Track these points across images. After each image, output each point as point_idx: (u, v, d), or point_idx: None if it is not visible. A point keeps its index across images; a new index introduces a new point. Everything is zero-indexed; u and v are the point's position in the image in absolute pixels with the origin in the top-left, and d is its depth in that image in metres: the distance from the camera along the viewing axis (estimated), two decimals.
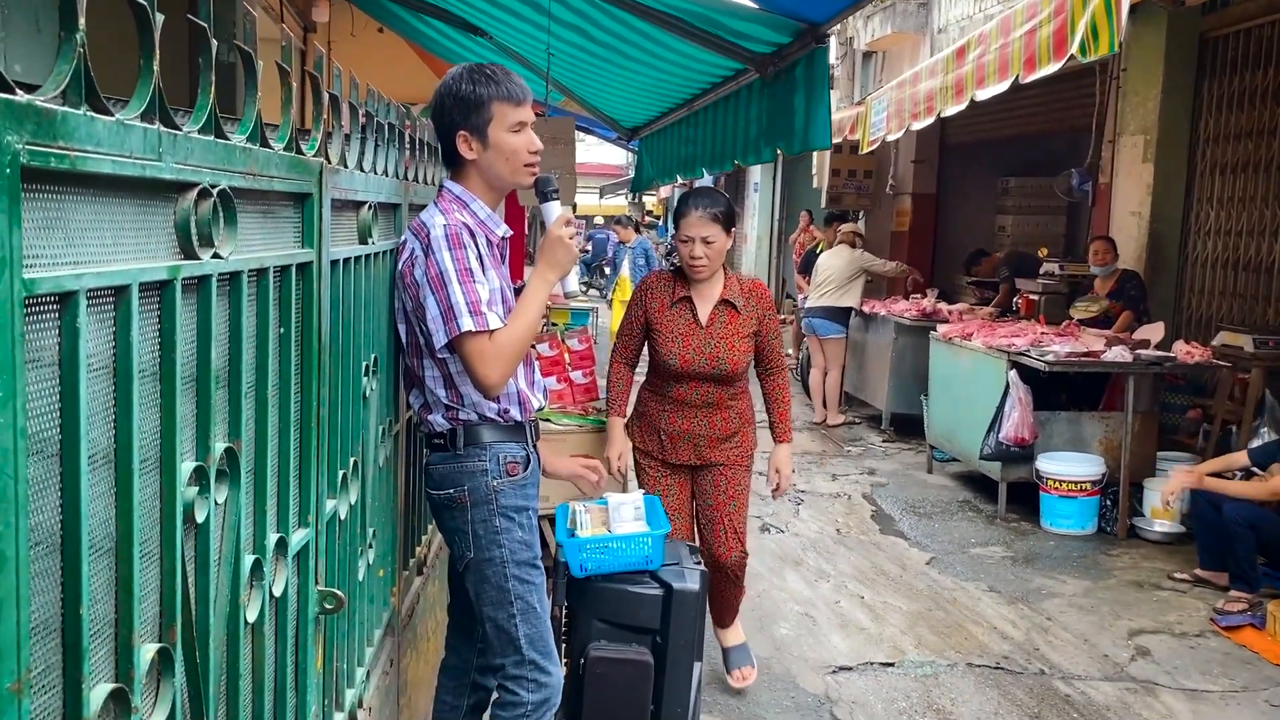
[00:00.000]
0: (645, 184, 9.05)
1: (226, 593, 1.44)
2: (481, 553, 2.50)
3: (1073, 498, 6.11)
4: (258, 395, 1.56)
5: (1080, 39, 4.34)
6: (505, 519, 2.50)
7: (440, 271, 2.35)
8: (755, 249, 20.19)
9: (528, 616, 2.50)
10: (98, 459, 1.10)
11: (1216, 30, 7.14)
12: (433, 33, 6.75)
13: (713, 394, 3.59)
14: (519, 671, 2.50)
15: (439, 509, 2.60)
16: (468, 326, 2.33)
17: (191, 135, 1.22)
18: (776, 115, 4.77)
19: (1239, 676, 4.23)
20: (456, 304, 2.33)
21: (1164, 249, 7.57)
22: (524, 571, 2.51)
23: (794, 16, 4.26)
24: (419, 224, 2.45)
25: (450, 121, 2.48)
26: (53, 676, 1.02)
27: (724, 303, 3.58)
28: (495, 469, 2.50)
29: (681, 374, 3.55)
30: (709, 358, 3.53)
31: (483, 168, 2.50)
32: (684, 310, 3.58)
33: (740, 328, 3.58)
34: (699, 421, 3.62)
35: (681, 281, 3.60)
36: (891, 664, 4.29)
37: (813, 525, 6.22)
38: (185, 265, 1.24)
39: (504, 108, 2.45)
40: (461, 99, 2.44)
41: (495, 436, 2.52)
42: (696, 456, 3.64)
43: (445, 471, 2.53)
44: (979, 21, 9.04)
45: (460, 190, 2.53)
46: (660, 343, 3.57)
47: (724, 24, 4.64)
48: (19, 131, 0.87)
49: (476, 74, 2.46)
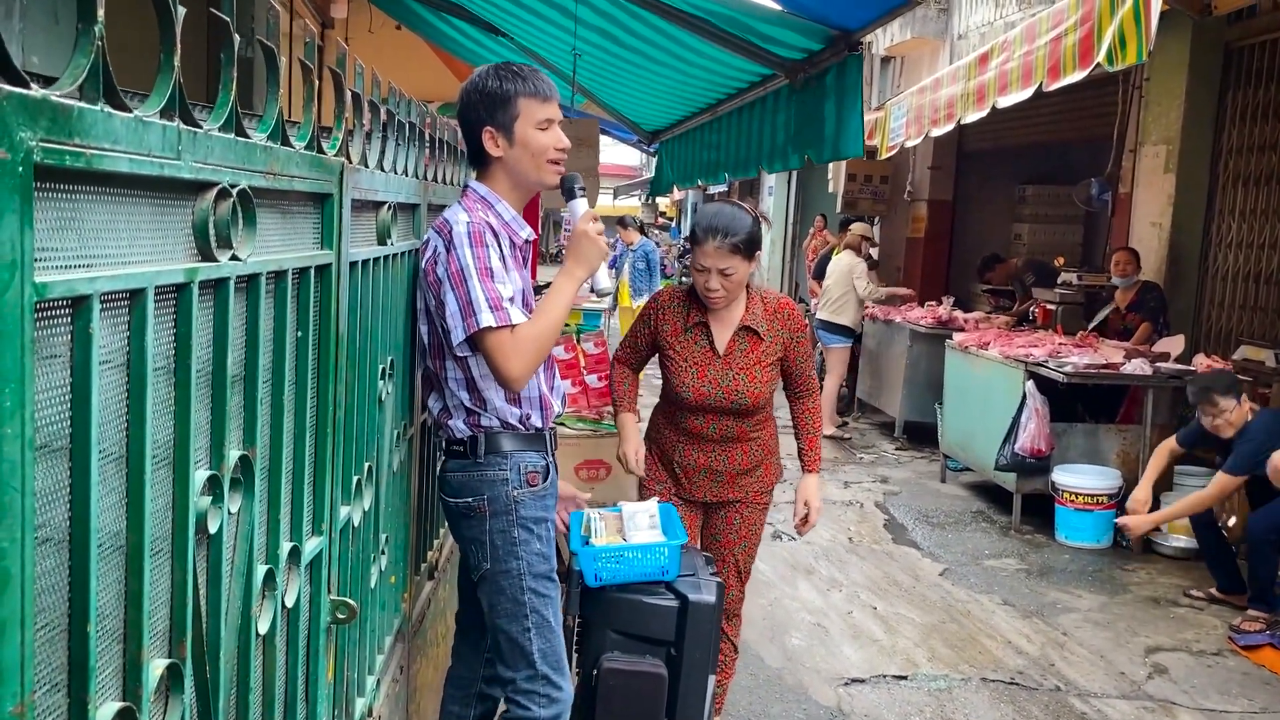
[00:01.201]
0: (665, 188, 8.98)
1: (238, 605, 1.40)
2: (498, 564, 2.44)
3: (1088, 511, 6.05)
4: (273, 401, 1.52)
5: (1108, 47, 4.28)
6: (524, 530, 2.45)
7: (461, 267, 2.31)
8: (769, 252, 20.11)
9: (542, 630, 2.45)
10: (108, 468, 1.05)
11: (1242, 41, 7.05)
12: (452, 31, 6.72)
13: (732, 428, 3.23)
14: (531, 686, 2.44)
15: (455, 516, 2.54)
16: (488, 322, 2.28)
17: (212, 133, 1.18)
18: (806, 122, 4.71)
19: (1258, 697, 4.17)
20: (476, 300, 2.29)
21: (1184, 261, 7.49)
22: (540, 584, 2.46)
23: (828, 23, 4.22)
24: (442, 221, 2.41)
25: (476, 118, 2.44)
26: (58, 697, 0.98)
27: (745, 329, 3.20)
28: (516, 478, 2.45)
29: (696, 407, 3.21)
30: (726, 391, 3.17)
31: (509, 165, 2.46)
32: (699, 337, 3.21)
33: (763, 356, 3.20)
34: (716, 456, 3.26)
35: (698, 303, 3.22)
36: (904, 677, 4.24)
37: (825, 533, 6.16)
38: (203, 268, 1.20)
39: (531, 104, 2.42)
40: (488, 95, 2.41)
41: (516, 445, 2.47)
42: (714, 494, 3.30)
43: (464, 479, 2.47)
44: (999, 28, 8.97)
45: (485, 191, 2.49)
46: (673, 371, 3.22)
47: (755, 29, 4.59)
48: (33, 128, 0.83)
49: (503, 71, 2.44)
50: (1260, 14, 6.82)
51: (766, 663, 4.31)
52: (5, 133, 0.79)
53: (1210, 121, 7.32)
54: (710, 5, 4.44)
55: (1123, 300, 7.19)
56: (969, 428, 7.09)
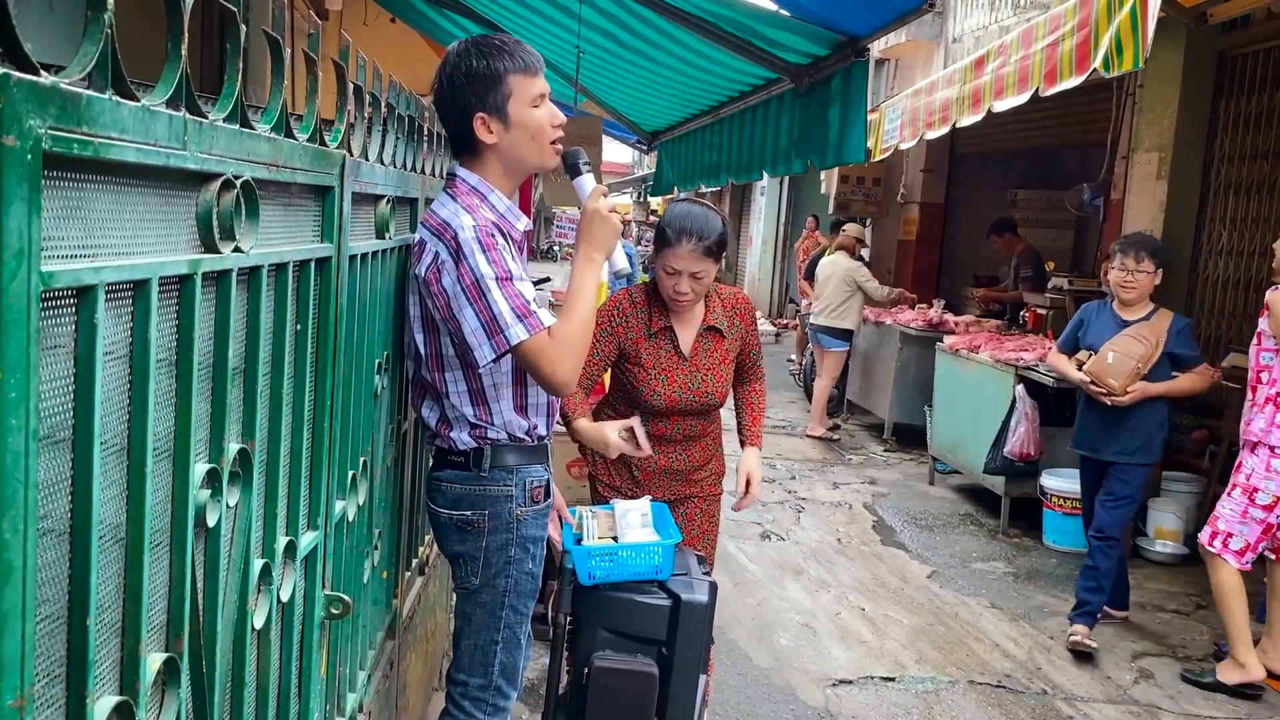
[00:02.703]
0: (665, 189, 8.92)
1: (235, 599, 1.39)
2: (487, 581, 2.33)
3: (1076, 515, 6.04)
4: (272, 394, 1.51)
5: (1104, 53, 4.29)
6: (521, 549, 2.33)
7: (476, 279, 2.09)
8: (760, 253, 20.16)
9: (509, 646, 2.37)
10: (109, 460, 1.05)
11: (1236, 49, 7.08)
12: (451, 26, 6.70)
13: (695, 426, 3.19)
14: (481, 695, 2.37)
15: (445, 528, 2.37)
16: (519, 336, 2.08)
17: (217, 124, 1.17)
18: (810, 127, 4.69)
19: (1243, 703, 4.18)
20: (500, 314, 2.08)
21: (1175, 267, 7.50)
22: (521, 603, 2.37)
23: (835, 29, 4.20)
24: (440, 224, 2.17)
25: (464, 104, 2.19)
26: (56, 689, 0.97)
27: (709, 329, 3.14)
28: (521, 495, 2.31)
29: (664, 412, 3.12)
30: (697, 394, 3.11)
31: (504, 151, 2.24)
32: (664, 341, 3.10)
33: (726, 354, 3.18)
34: (677, 455, 3.20)
35: (659, 306, 3.10)
36: (892, 679, 4.24)
37: (814, 534, 6.17)
38: (206, 259, 1.19)
39: (522, 80, 2.20)
40: (475, 76, 2.17)
41: (521, 459, 2.32)
42: (674, 491, 3.24)
43: (463, 493, 2.31)
44: (994, 32, 8.99)
45: (476, 180, 2.26)
46: (641, 380, 3.09)
47: (761, 33, 4.56)
48: (42, 116, 0.82)
49: (485, 46, 2.20)
50: (1254, 23, 6.86)
51: (755, 663, 4.31)
52: (15, 120, 0.78)
53: (1203, 129, 7.35)
54: (717, 9, 4.42)
55: None
56: (958, 430, 7.11)
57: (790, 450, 8.38)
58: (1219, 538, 4.28)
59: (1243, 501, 4.24)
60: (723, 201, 22.58)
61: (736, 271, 21.91)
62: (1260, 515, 4.21)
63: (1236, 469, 4.34)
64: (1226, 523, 4.27)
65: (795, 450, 8.40)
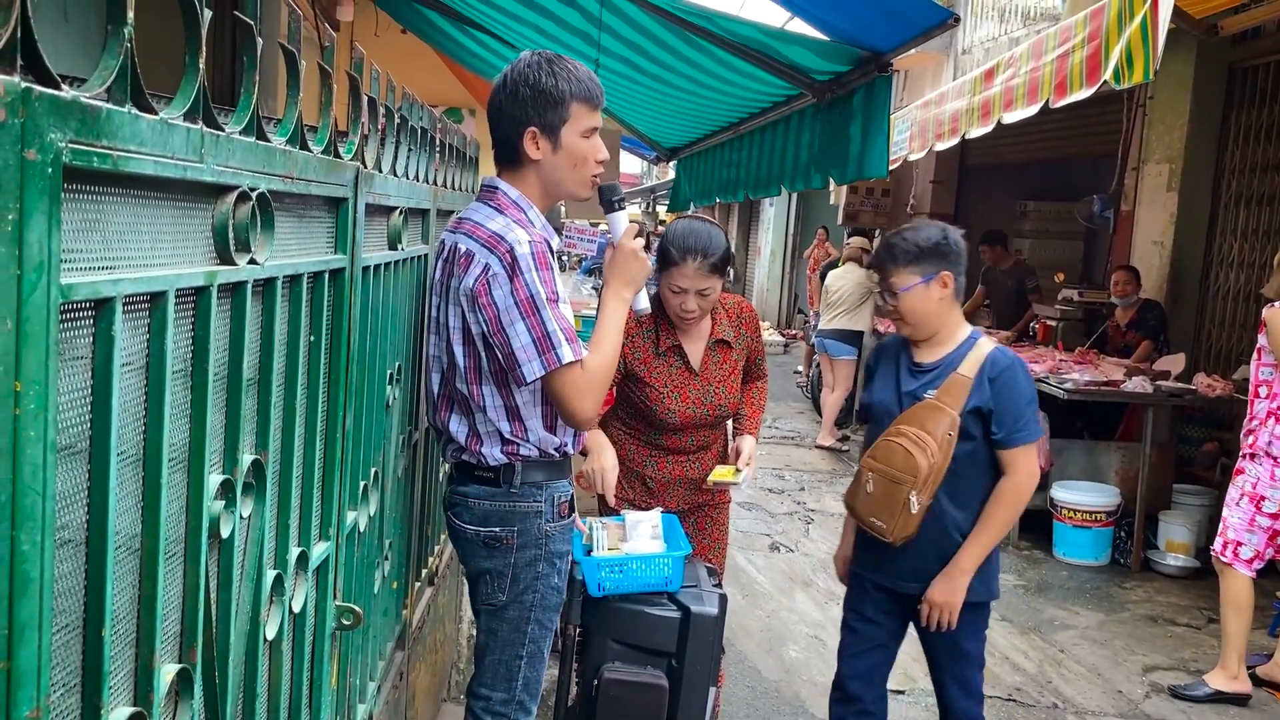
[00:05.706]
0: (682, 205, 8.91)
1: (247, 610, 1.39)
2: (515, 597, 2.31)
3: (1087, 528, 6.04)
4: (285, 405, 1.52)
5: (1115, 65, 4.29)
6: (549, 565, 2.32)
7: (530, 295, 2.09)
8: (769, 263, 20.16)
9: (533, 660, 2.36)
10: (124, 471, 1.05)
11: (1247, 61, 7.08)
12: (467, 40, 6.70)
13: (708, 436, 3.23)
14: (504, 710, 2.36)
15: (472, 545, 2.33)
16: (568, 357, 2.11)
17: (233, 136, 1.18)
18: (830, 142, 4.63)
19: (1255, 718, 4.16)
20: (553, 333, 2.09)
21: (1185, 279, 7.50)
22: (547, 618, 2.36)
23: (859, 45, 4.18)
24: (492, 236, 2.15)
25: (522, 115, 2.20)
26: (72, 700, 0.98)
27: (718, 342, 3.16)
28: (550, 510, 2.30)
29: (679, 427, 3.14)
30: (710, 408, 3.13)
31: (545, 171, 2.25)
32: (674, 359, 3.12)
33: (735, 364, 3.20)
34: (691, 465, 3.23)
35: (665, 324, 3.11)
36: (902, 691, 4.22)
37: (823, 545, 6.15)
38: (221, 271, 1.20)
39: (582, 109, 2.21)
40: (541, 91, 2.17)
41: (549, 474, 2.31)
42: (687, 501, 3.26)
43: (491, 509, 2.28)
44: (1004, 44, 8.99)
45: (517, 195, 2.26)
46: (653, 399, 3.09)
47: (783, 52, 4.51)
48: (63, 129, 0.83)
49: (557, 66, 2.20)
50: (1265, 35, 6.85)
51: (764, 674, 4.29)
52: (36, 134, 0.79)
53: (1213, 141, 7.34)
54: (739, 29, 4.39)
55: (1123, 318, 7.20)
56: None
57: (799, 461, 8.36)
58: (1230, 547, 4.31)
59: (1249, 509, 4.29)
60: (731, 212, 22.59)
61: (745, 282, 21.91)
62: (1267, 523, 4.27)
63: (1236, 474, 4.40)
64: (1235, 531, 4.31)
65: (804, 461, 8.37)
